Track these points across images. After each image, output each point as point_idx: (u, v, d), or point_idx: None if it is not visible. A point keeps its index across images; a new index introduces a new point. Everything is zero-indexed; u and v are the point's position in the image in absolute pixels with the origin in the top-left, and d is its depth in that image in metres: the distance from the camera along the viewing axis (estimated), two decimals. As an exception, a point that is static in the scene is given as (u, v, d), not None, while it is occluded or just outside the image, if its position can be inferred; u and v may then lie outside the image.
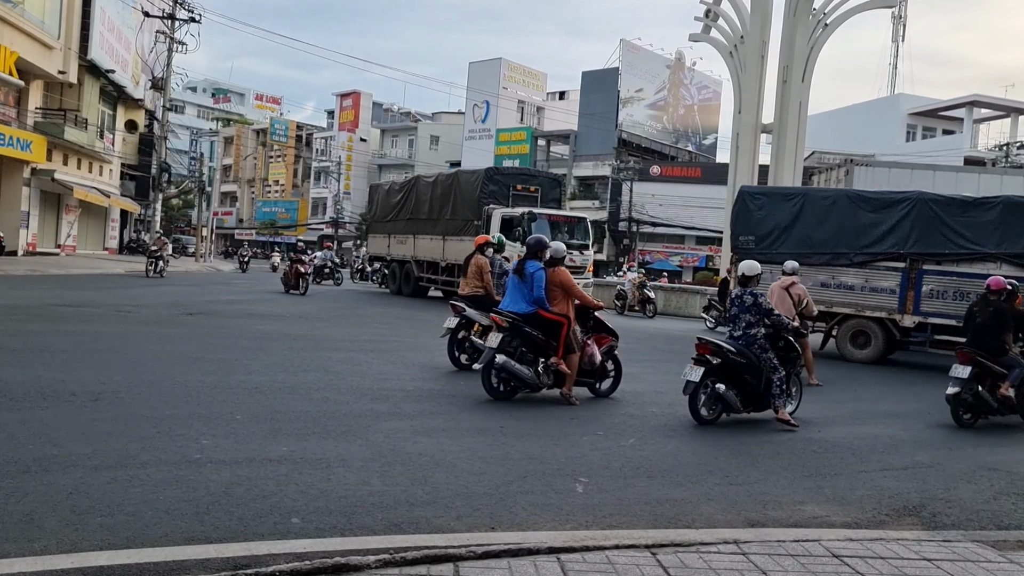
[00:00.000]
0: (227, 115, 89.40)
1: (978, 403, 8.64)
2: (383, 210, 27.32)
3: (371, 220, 29.24)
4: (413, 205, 25.08)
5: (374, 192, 29.46)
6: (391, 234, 26.42)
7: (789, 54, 27.54)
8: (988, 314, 8.83)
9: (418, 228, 24.54)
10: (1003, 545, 4.32)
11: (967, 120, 52.78)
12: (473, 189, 21.99)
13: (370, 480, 4.91)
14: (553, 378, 8.31)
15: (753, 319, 8.02)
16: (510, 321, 8.16)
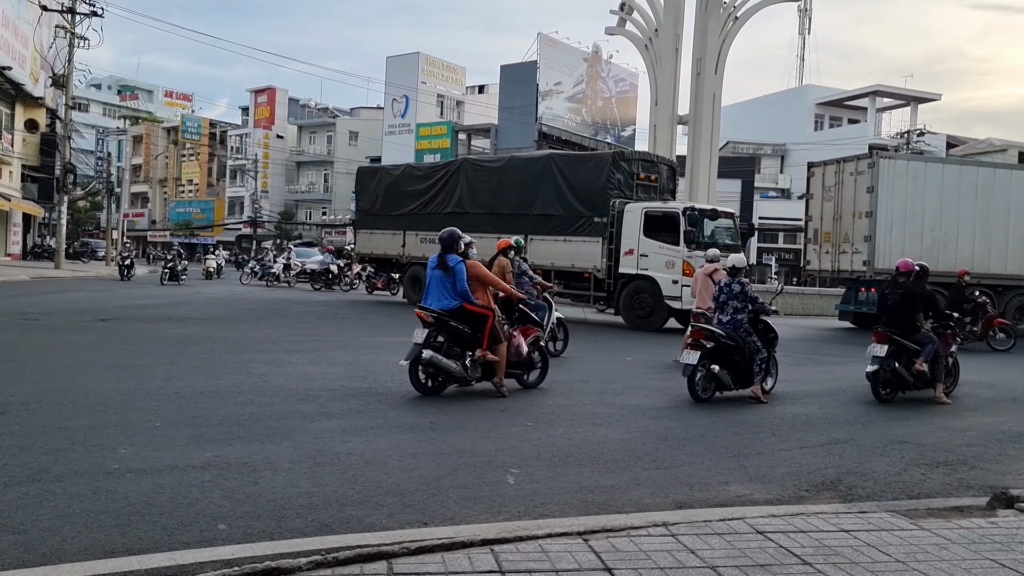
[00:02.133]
0: (135, 113, 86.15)
1: (895, 379, 9.11)
2: (389, 200, 22.67)
3: (363, 212, 24.36)
4: (460, 195, 20.40)
5: (368, 178, 24.55)
6: (407, 230, 21.95)
7: (702, 47, 28.19)
8: (898, 296, 9.30)
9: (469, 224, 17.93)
10: (914, 514, 4.53)
11: (871, 109, 55.09)
12: (593, 178, 17.79)
13: (299, 482, 4.83)
14: (482, 371, 8.29)
15: (740, 305, 8.84)
16: (435, 316, 8.07)
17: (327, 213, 68.54)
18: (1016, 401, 9.78)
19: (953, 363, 9.79)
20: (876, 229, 18.43)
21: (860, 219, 18.91)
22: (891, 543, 3.92)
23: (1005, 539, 4.04)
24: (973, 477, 5.81)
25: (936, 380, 9.23)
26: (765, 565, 3.56)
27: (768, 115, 59.61)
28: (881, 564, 3.63)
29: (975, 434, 7.46)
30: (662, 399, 8.62)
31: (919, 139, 47.92)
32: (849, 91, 57.13)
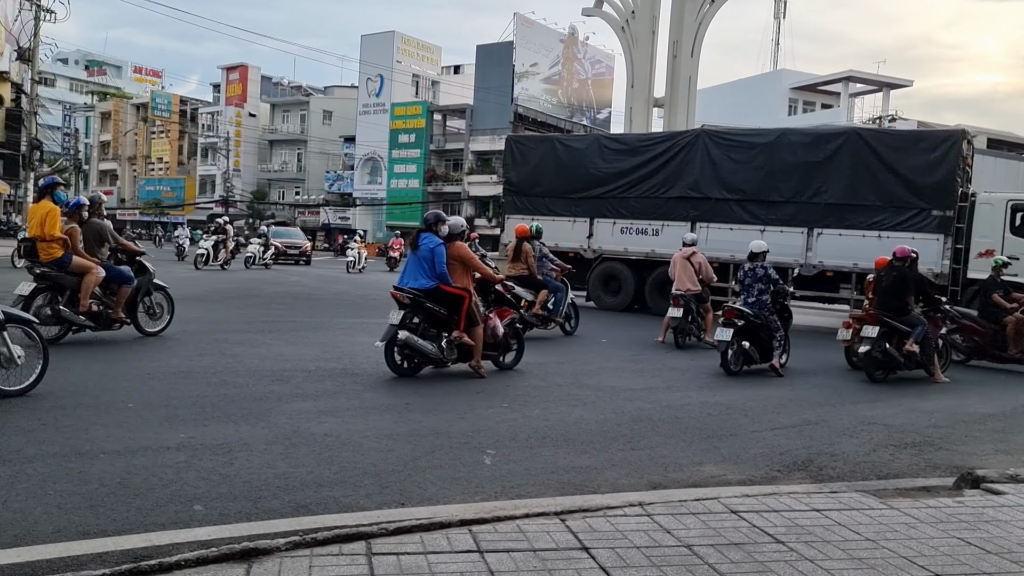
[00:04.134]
0: (103, 89, 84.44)
1: (887, 359, 9.53)
2: (567, 178, 18.24)
3: (517, 192, 19.13)
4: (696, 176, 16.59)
5: (528, 149, 19.37)
6: (597, 217, 17.80)
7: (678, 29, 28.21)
8: (892, 279, 9.81)
9: (710, 212, 16.35)
10: (883, 493, 4.62)
11: (844, 95, 55.46)
12: (934, 161, 14.65)
13: (275, 463, 4.81)
14: (458, 353, 8.28)
15: (763, 287, 9.86)
16: (411, 297, 8.05)
17: (300, 193, 67.92)
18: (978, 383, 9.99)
19: (943, 345, 10.32)
20: None
21: None
22: (861, 522, 4.00)
23: (971, 518, 4.14)
24: (940, 458, 5.94)
25: (928, 361, 9.72)
26: (739, 544, 3.61)
27: (743, 99, 59.77)
28: (852, 543, 3.70)
29: (942, 416, 7.62)
30: (636, 381, 8.69)
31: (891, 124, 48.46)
32: (823, 76, 57.46)
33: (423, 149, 57.63)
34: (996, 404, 8.45)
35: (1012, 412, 8.10)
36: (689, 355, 11.12)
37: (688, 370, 9.74)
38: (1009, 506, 4.35)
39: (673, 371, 9.59)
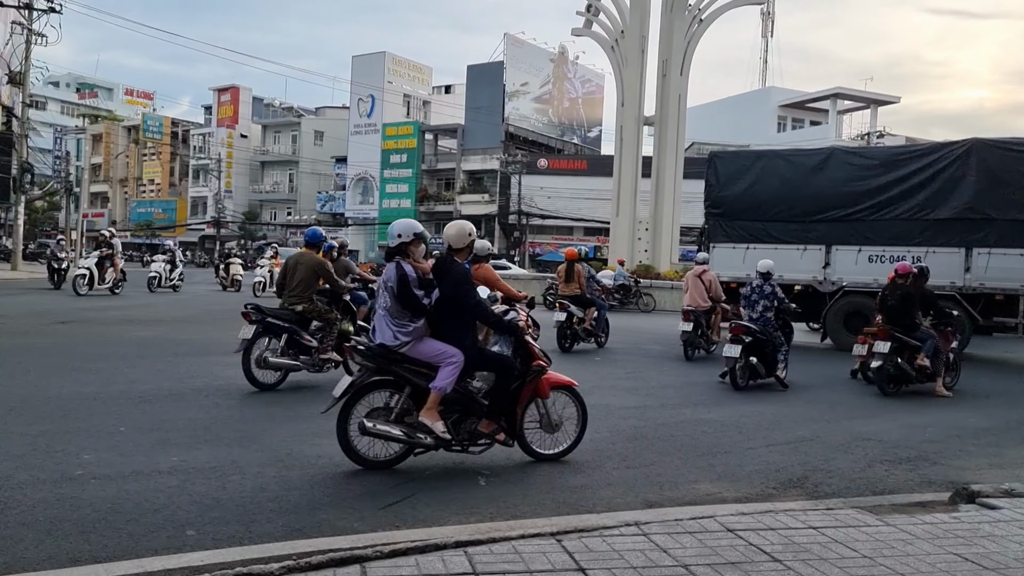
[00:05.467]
0: (94, 111, 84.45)
1: (899, 373, 9.72)
2: (794, 199, 15.58)
3: (726, 216, 16.48)
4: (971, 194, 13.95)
5: (739, 168, 16.75)
6: (836, 244, 15.10)
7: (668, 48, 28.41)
8: (898, 296, 9.98)
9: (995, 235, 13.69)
10: (879, 510, 4.61)
11: (832, 111, 55.92)
12: None
13: (268, 486, 4.77)
14: None
15: (768, 304, 10.18)
16: None
17: (292, 213, 67.89)
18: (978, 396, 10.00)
19: (954, 359, 10.39)
20: None
21: None
22: (858, 539, 3.99)
23: (967, 533, 4.13)
24: (935, 473, 5.93)
25: (936, 374, 9.83)
26: (736, 563, 3.60)
27: (732, 116, 60.26)
28: (849, 560, 3.69)
29: (936, 430, 7.62)
30: (630, 399, 8.67)
31: (879, 141, 48.84)
32: (811, 93, 57.96)
33: (415, 169, 57.77)
34: (990, 418, 8.45)
35: (1006, 426, 8.11)
36: (683, 372, 11.12)
37: (682, 387, 9.73)
38: (1005, 521, 4.35)
39: (667, 388, 9.58)
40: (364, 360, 5.30)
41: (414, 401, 5.28)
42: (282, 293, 8.62)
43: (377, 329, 5.37)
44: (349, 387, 5.23)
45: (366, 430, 5.10)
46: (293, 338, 8.31)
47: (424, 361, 5.26)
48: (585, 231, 50.11)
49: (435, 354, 5.24)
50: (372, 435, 5.15)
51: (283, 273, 8.69)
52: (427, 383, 5.19)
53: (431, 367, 5.23)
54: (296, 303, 8.42)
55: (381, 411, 5.27)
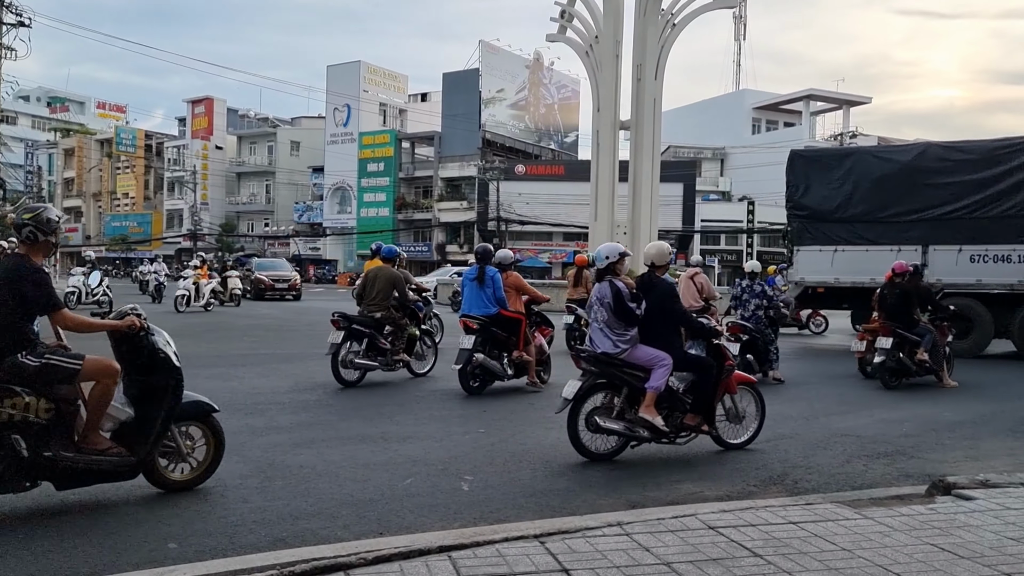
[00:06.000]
0: (66, 125, 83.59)
1: (900, 367, 10.22)
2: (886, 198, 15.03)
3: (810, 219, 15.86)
4: None
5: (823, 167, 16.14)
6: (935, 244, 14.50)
7: (642, 53, 28.58)
8: (895, 295, 10.48)
9: None
10: (858, 503, 4.67)
11: (805, 113, 56.59)
12: None
13: (250, 497, 4.76)
14: (514, 369, 9.16)
15: (759, 303, 10.71)
16: (481, 323, 8.89)
17: (269, 224, 67.56)
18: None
19: (948, 352, 10.84)
20: None
21: None
22: (837, 532, 4.04)
23: (944, 524, 4.20)
24: (912, 466, 6.02)
25: (936, 367, 10.28)
26: (718, 559, 3.63)
27: (707, 119, 60.78)
28: (828, 553, 3.74)
29: (913, 425, 7.73)
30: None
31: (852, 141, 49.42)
32: (784, 95, 58.63)
33: (392, 177, 57.71)
34: (965, 411, 8.57)
35: (980, 419, 8.23)
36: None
37: (663, 389, 9.79)
38: (980, 511, 4.42)
39: (648, 390, 9.62)
40: (589, 366, 6.02)
41: (627, 401, 5.98)
42: (361, 302, 9.75)
43: (595, 340, 6.11)
44: (579, 390, 5.90)
45: (599, 427, 5.82)
46: (372, 341, 9.34)
47: (639, 365, 5.96)
48: (564, 236, 50.27)
49: (649, 358, 5.95)
50: (601, 431, 5.84)
51: (362, 284, 9.88)
52: (642, 384, 5.88)
53: (645, 370, 5.92)
54: (375, 310, 9.49)
55: (601, 410, 5.95)
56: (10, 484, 4.21)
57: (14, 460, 4.14)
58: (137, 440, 4.52)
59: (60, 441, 4.29)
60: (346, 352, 9.21)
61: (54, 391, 4.31)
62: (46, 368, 4.27)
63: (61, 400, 4.32)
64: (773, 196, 51.20)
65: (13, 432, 4.14)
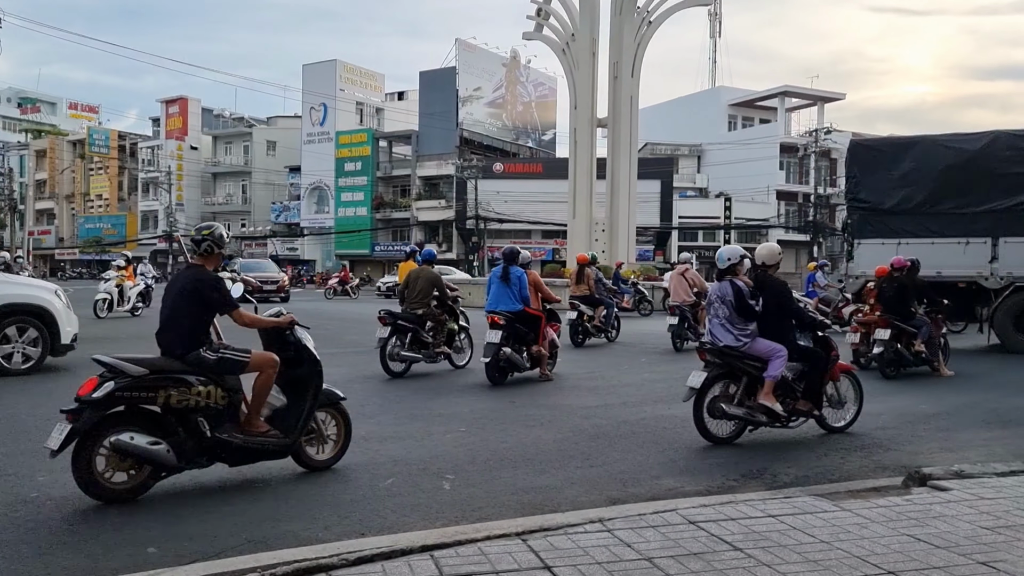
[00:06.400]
0: (37, 126, 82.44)
1: (897, 358, 10.69)
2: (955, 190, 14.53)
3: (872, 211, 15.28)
4: None
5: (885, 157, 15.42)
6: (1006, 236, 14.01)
7: (618, 51, 28.71)
8: (893, 288, 10.90)
9: None
10: (835, 496, 4.73)
11: (780, 109, 57.03)
12: None
13: (230, 499, 4.73)
14: (531, 362, 9.95)
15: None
16: (507, 319, 9.61)
17: (246, 224, 67.06)
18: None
19: (944, 342, 11.27)
20: None
21: None
22: (815, 525, 4.09)
23: (920, 515, 4.26)
24: (889, 459, 6.10)
25: (933, 357, 10.74)
26: (698, 553, 3.66)
27: (684, 116, 61.10)
28: (807, 545, 3.78)
29: (889, 417, 7.82)
30: (592, 398, 8.75)
31: (827, 137, 49.90)
32: (759, 92, 59.04)
33: (370, 176, 57.49)
34: (940, 403, 8.68)
35: (955, 410, 8.35)
36: (648, 368, 11.25)
37: (642, 385, 9.84)
38: (955, 501, 4.49)
39: (628, 387, 9.68)
40: (712, 357, 6.60)
41: (746, 390, 6.54)
42: (403, 300, 10.64)
43: (716, 334, 6.67)
44: (704, 381, 6.42)
45: (724, 413, 6.41)
46: (415, 336, 10.24)
47: (757, 356, 6.52)
48: (543, 234, 50.33)
49: (767, 350, 6.51)
50: (726, 416, 6.43)
51: (405, 284, 10.76)
52: (760, 373, 6.46)
53: (762, 360, 6.49)
54: (417, 308, 10.33)
55: (721, 398, 6.49)
56: (193, 461, 4.86)
57: (198, 440, 4.82)
58: (288, 424, 5.21)
59: (231, 424, 5.01)
60: (392, 346, 10.04)
61: (225, 381, 5.01)
62: (222, 361, 5.00)
63: (230, 389, 5.04)
64: (749, 192, 51.81)
65: (199, 415, 4.84)
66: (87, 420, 4.51)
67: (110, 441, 4.53)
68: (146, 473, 4.67)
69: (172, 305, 5.08)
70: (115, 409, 4.65)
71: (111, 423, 4.61)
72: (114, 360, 4.68)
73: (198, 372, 4.90)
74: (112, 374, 4.66)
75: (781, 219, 53.85)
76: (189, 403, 4.79)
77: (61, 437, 4.45)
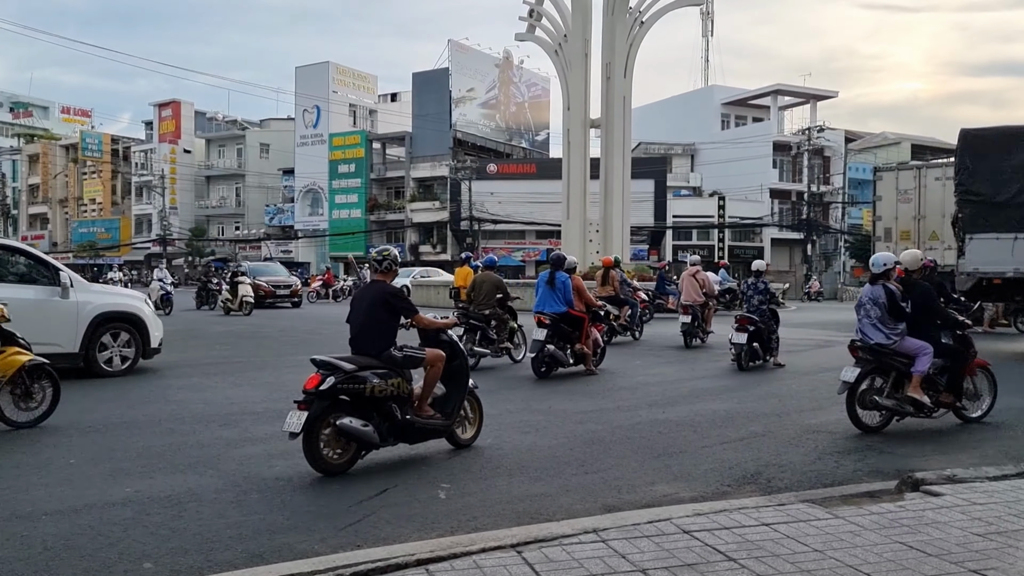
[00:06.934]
0: (30, 131, 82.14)
1: None
2: None
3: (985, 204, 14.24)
4: None
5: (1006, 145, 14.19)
6: None
7: (611, 51, 28.69)
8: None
9: None
10: (829, 502, 4.75)
11: (773, 108, 57.06)
12: None
13: (226, 512, 4.73)
14: (575, 358, 10.89)
15: (763, 298, 11.96)
16: (552, 319, 10.57)
17: (240, 228, 66.94)
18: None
19: None
20: None
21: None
22: (809, 533, 4.11)
23: (912, 522, 4.29)
24: (882, 462, 6.13)
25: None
26: (692, 564, 3.68)
27: (677, 115, 61.13)
28: (800, 555, 3.80)
29: (882, 419, 7.84)
30: (586, 403, 8.77)
31: (820, 135, 49.99)
32: (752, 91, 59.10)
33: (364, 178, 57.44)
34: (932, 404, 8.71)
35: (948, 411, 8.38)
36: (643, 371, 11.28)
37: (636, 388, 9.87)
38: (947, 507, 4.52)
39: (622, 391, 9.70)
40: (865, 355, 7.30)
41: (894, 384, 7.23)
42: (469, 302, 11.83)
43: (867, 333, 7.34)
44: (859, 376, 7.14)
45: (876, 404, 7.17)
46: (483, 333, 11.42)
47: (906, 353, 7.19)
48: (537, 234, 50.34)
49: (915, 348, 7.17)
50: (877, 408, 7.17)
51: (472, 288, 11.95)
52: (907, 369, 7.13)
53: (910, 357, 7.16)
54: (484, 309, 11.49)
55: (869, 391, 7.23)
56: (386, 441, 5.80)
57: (391, 422, 5.81)
58: (448, 409, 6.25)
59: (410, 409, 5.98)
60: (464, 342, 10.65)
61: (406, 374, 6.00)
62: (407, 358, 6.03)
63: (408, 380, 6.02)
64: (743, 190, 51.90)
65: (393, 402, 5.81)
66: (317, 408, 5.41)
67: (337, 424, 5.46)
68: (351, 451, 5.62)
69: (366, 313, 6.04)
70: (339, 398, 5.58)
71: (331, 410, 5.51)
72: (331, 359, 5.60)
73: (390, 367, 5.86)
74: (329, 370, 5.53)
75: (775, 217, 53.97)
76: (385, 392, 5.73)
77: (301, 422, 5.31)
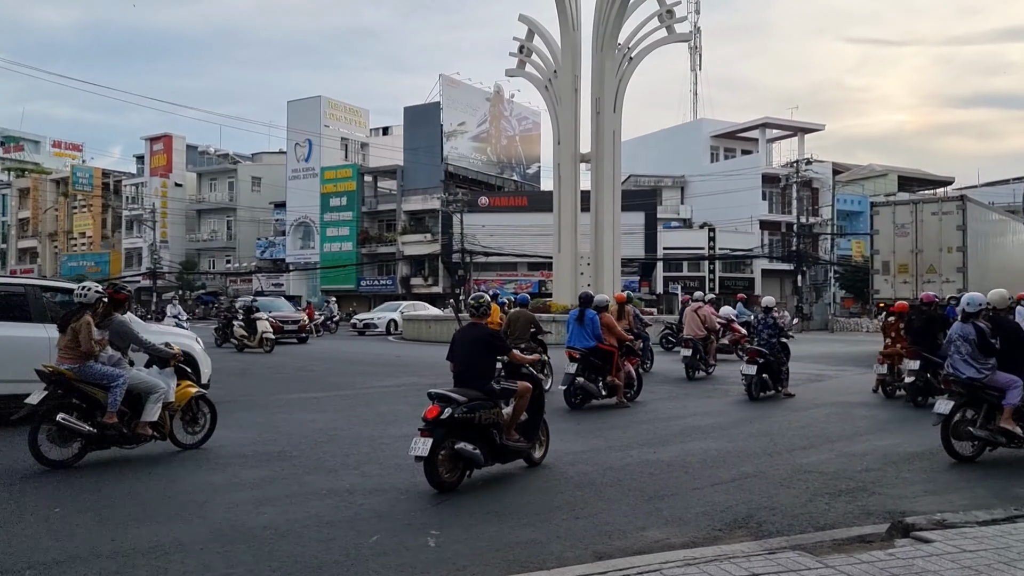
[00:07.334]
0: (20, 165, 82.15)
1: (926, 387, 11.46)
2: None
3: None
4: None
5: None
6: None
7: (600, 87, 28.98)
8: (922, 321, 11.80)
9: None
10: (819, 548, 4.73)
11: (761, 140, 57.68)
12: None
13: (212, 563, 4.67)
14: (607, 390, 11.45)
15: (772, 332, 12.61)
16: (582, 353, 11.24)
17: (231, 261, 66.86)
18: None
19: None
20: (967, 261, 20.03)
21: (950, 253, 20.37)
22: (800, 583, 4.08)
23: (902, 571, 4.27)
24: (873, 503, 6.11)
25: None
26: (683, 617, 3.65)
27: (666, 148, 61.73)
28: (791, 606, 3.78)
29: (873, 458, 7.85)
30: (577, 443, 8.73)
31: (808, 167, 50.46)
32: (741, 124, 59.79)
33: (355, 211, 57.61)
34: (922, 442, 8.69)
35: (937, 449, 8.32)
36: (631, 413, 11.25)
37: (628, 427, 9.83)
38: (937, 555, 4.50)
39: (613, 430, 9.66)
40: (958, 388, 7.82)
41: (985, 416, 7.70)
42: (507, 337, 11.71)
43: (958, 367, 7.84)
44: (953, 408, 7.68)
45: (971, 435, 7.68)
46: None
47: (997, 387, 7.65)
48: (529, 266, 50.44)
49: (1006, 381, 7.63)
50: (971, 439, 7.67)
51: (507, 324, 12.64)
52: (999, 401, 7.61)
53: (1000, 390, 7.63)
54: (520, 343, 12.00)
55: (965, 422, 7.71)
56: (487, 461, 6.60)
57: (491, 445, 6.63)
58: (527, 432, 7.16)
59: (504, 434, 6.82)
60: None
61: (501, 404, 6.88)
62: (504, 391, 6.97)
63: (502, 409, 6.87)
64: (733, 222, 52.25)
65: (493, 428, 6.66)
66: (438, 435, 6.19)
67: (456, 448, 6.26)
68: (459, 471, 6.39)
69: (468, 352, 6.94)
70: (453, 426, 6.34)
71: (447, 436, 6.27)
72: (446, 392, 6.41)
73: (491, 398, 6.72)
74: (444, 402, 6.32)
75: (765, 249, 54.28)
76: (489, 420, 6.57)
77: (427, 447, 6.10)
